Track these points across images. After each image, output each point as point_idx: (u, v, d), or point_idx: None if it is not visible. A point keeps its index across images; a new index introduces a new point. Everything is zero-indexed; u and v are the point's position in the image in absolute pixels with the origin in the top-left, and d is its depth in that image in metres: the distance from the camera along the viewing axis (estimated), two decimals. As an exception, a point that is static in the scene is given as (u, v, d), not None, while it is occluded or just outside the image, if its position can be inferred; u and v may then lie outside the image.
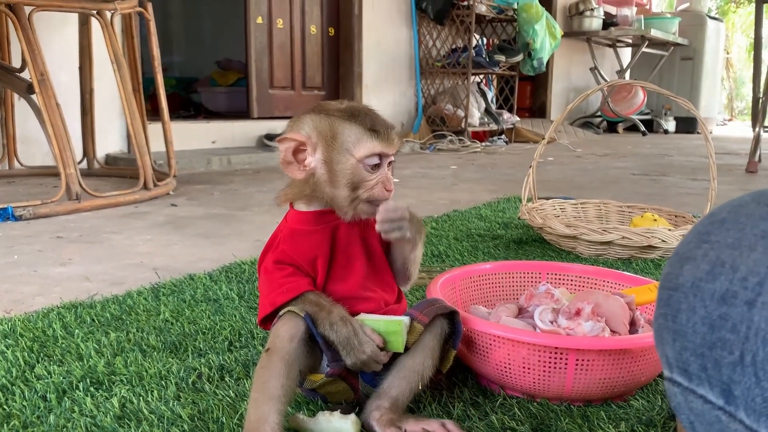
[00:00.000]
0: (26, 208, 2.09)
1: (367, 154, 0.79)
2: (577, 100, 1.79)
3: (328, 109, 0.81)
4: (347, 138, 0.79)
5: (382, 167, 0.80)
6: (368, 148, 0.79)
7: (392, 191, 0.81)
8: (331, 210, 0.83)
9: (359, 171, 0.79)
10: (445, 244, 1.77)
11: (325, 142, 0.79)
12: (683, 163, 4.28)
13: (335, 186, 0.80)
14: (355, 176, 0.79)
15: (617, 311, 0.92)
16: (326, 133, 0.79)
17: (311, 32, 4.56)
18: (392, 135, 0.81)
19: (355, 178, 0.79)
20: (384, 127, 0.80)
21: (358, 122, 0.79)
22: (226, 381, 0.91)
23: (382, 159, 0.80)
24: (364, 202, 0.80)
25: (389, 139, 0.80)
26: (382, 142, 0.79)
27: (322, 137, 0.79)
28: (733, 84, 13.68)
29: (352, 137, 0.79)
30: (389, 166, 0.82)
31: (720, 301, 0.41)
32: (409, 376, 0.80)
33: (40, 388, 0.88)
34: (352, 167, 0.79)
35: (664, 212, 1.92)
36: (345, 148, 0.78)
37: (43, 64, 2.22)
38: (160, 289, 1.34)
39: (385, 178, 0.80)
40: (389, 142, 0.80)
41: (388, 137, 0.80)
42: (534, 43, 5.25)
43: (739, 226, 0.43)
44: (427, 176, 3.42)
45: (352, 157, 0.79)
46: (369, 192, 0.80)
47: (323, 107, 0.81)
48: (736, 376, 0.39)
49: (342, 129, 0.79)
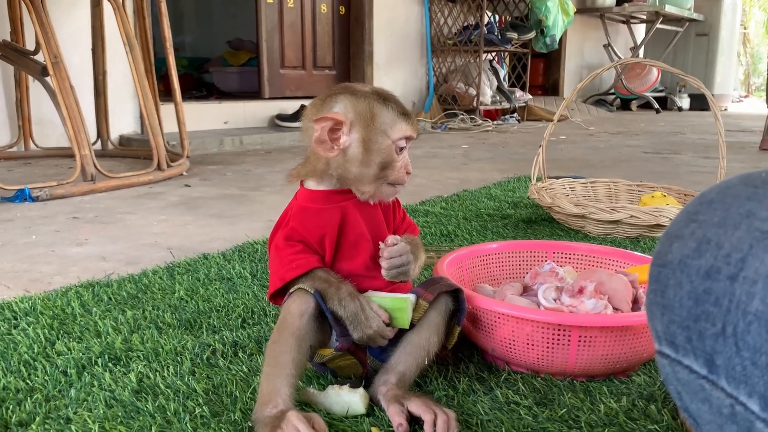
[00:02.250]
0: (43, 189, 2.13)
1: (401, 136, 0.83)
2: (588, 79, 1.79)
3: (362, 90, 0.84)
4: (385, 119, 0.82)
5: (405, 150, 0.85)
6: (402, 131, 0.83)
7: (410, 174, 0.86)
8: (342, 190, 0.86)
9: (391, 152, 0.83)
10: (454, 224, 1.79)
11: (364, 122, 0.82)
12: (696, 141, 4.26)
13: (367, 165, 0.83)
14: (388, 157, 0.83)
15: (620, 289, 0.94)
16: (365, 114, 0.82)
17: (322, 11, 4.55)
18: (415, 119, 0.86)
19: (387, 159, 0.83)
20: (410, 112, 0.85)
21: (393, 107, 0.83)
22: (239, 356, 0.94)
23: (407, 142, 0.85)
24: (388, 183, 0.84)
25: (415, 123, 0.85)
26: (411, 126, 0.84)
27: (361, 117, 0.82)
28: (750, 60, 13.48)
29: (389, 119, 0.83)
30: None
31: (705, 276, 0.43)
32: (416, 351, 0.83)
33: (60, 364, 0.91)
34: (388, 148, 0.83)
35: (674, 191, 1.93)
36: (382, 129, 0.82)
37: (56, 47, 2.24)
38: (174, 268, 1.37)
39: (407, 162, 0.85)
40: (415, 126, 0.85)
41: (414, 121, 0.85)
42: (546, 20, 5.21)
43: (725, 206, 0.44)
44: (438, 156, 3.43)
45: (389, 138, 0.82)
46: (395, 173, 0.84)
47: (355, 89, 0.85)
48: (718, 346, 0.41)
49: (380, 111, 0.83)
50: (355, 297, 0.81)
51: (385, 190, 0.85)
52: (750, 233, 0.41)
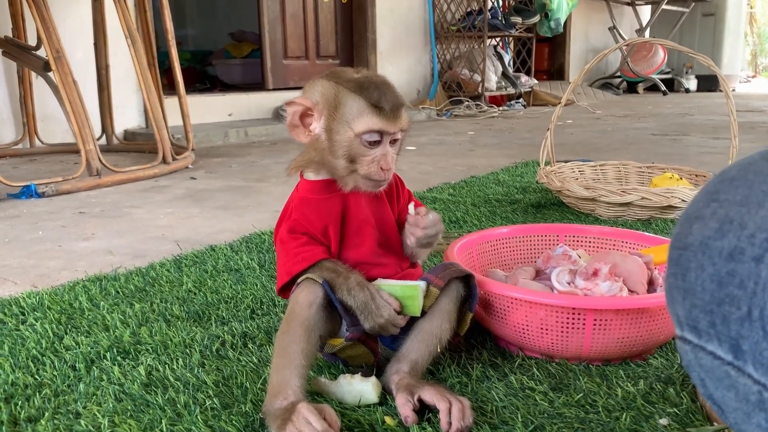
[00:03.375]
0: (48, 185, 2.12)
1: (366, 129, 0.77)
2: (594, 60, 1.77)
3: (340, 76, 0.80)
4: (348, 110, 0.77)
5: (382, 145, 0.78)
6: (367, 124, 0.77)
7: (390, 170, 0.79)
8: None
9: (356, 145, 0.78)
10: (463, 210, 1.77)
11: (328, 111, 0.79)
12: (704, 122, 4.21)
13: (333, 155, 0.79)
14: (352, 150, 0.78)
15: (635, 271, 0.92)
16: (331, 102, 0.78)
17: (324, 0, 4.51)
18: (399, 113, 0.79)
19: (352, 152, 0.78)
20: (390, 104, 0.77)
21: (364, 95, 0.77)
22: (249, 348, 0.93)
23: (383, 136, 0.78)
24: (361, 177, 0.80)
25: (393, 117, 0.78)
26: (384, 120, 0.77)
27: (327, 105, 0.79)
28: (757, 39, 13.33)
29: (354, 110, 0.77)
30: (393, 143, 0.80)
31: (728, 258, 0.41)
32: (428, 339, 0.81)
33: (69, 358, 0.91)
34: (349, 140, 0.77)
35: (684, 171, 1.90)
36: (345, 120, 0.77)
37: (58, 42, 2.23)
38: (182, 261, 1.36)
39: (382, 157, 0.78)
40: (392, 120, 0.78)
41: (392, 115, 0.78)
42: (550, 4, 5.16)
43: (747, 183, 0.42)
44: (444, 143, 3.40)
45: (351, 130, 0.77)
46: (365, 168, 0.79)
47: (337, 74, 0.81)
48: (744, 331, 0.39)
49: (346, 100, 0.77)
50: (365, 286, 0.79)
51: (361, 183, 0.80)
52: None
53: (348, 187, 0.81)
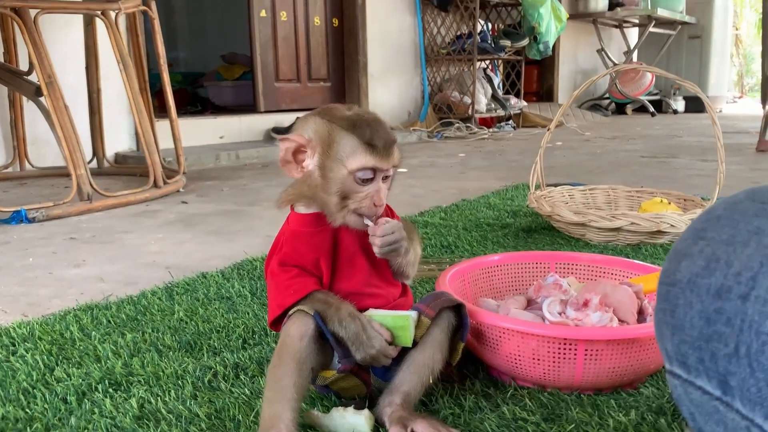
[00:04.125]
0: (39, 210, 2.11)
1: (359, 167, 0.78)
2: (583, 86, 1.79)
3: (332, 114, 0.80)
4: (342, 148, 0.78)
5: (374, 181, 0.80)
6: (361, 162, 0.78)
7: (382, 206, 0.81)
8: None
9: (350, 182, 0.79)
10: (454, 235, 1.78)
11: (321, 148, 0.79)
12: (692, 144, 4.26)
13: (326, 192, 0.80)
14: (345, 187, 0.79)
15: (625, 301, 0.93)
16: (324, 140, 0.79)
17: (315, 24, 4.55)
18: (391, 150, 0.80)
19: (345, 189, 0.79)
20: (383, 142, 0.78)
21: (357, 134, 0.78)
22: (241, 379, 0.93)
23: (376, 173, 0.79)
24: (353, 213, 0.80)
25: (386, 154, 0.79)
26: (377, 157, 0.78)
27: (321, 142, 0.79)
28: (743, 60, 13.53)
29: (347, 148, 0.78)
30: (385, 180, 0.81)
31: (715, 295, 0.42)
32: (420, 370, 0.82)
33: (60, 391, 0.90)
34: (343, 178, 0.78)
35: (673, 196, 1.92)
36: (338, 158, 0.78)
37: (50, 67, 2.24)
38: (173, 289, 1.36)
39: (375, 193, 0.80)
40: (385, 158, 0.79)
41: (385, 153, 0.79)
42: (539, 27, 5.22)
43: (733, 222, 0.44)
44: (435, 165, 3.42)
45: (344, 168, 0.78)
46: (357, 204, 0.80)
47: (329, 111, 0.81)
48: (731, 367, 0.40)
49: (339, 138, 0.78)
50: (356, 317, 0.80)
51: (350, 218, 0.81)
52: (760, 251, 0.40)
53: (337, 222, 0.82)
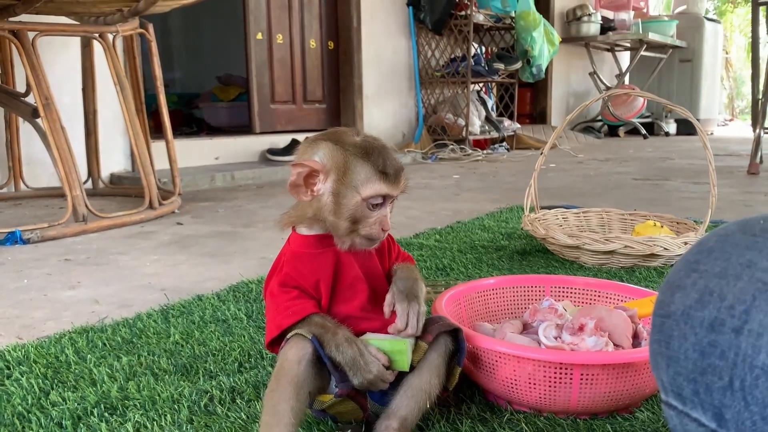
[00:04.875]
0: (34, 231, 2.11)
1: (373, 194, 0.81)
2: (575, 112, 1.81)
3: (344, 141, 0.82)
4: (357, 176, 0.80)
5: (383, 206, 0.83)
6: (375, 189, 0.80)
7: (388, 230, 0.84)
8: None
9: (362, 208, 0.81)
10: (449, 257, 1.78)
11: (336, 174, 0.81)
12: (685, 167, 4.30)
13: (337, 216, 0.82)
14: (358, 212, 0.81)
15: (620, 325, 0.94)
16: (340, 166, 0.81)
17: (311, 46, 4.59)
18: (401, 177, 0.83)
19: (357, 214, 0.81)
20: (394, 169, 0.82)
21: (371, 162, 0.80)
22: (237, 403, 0.93)
23: (386, 199, 0.82)
24: (361, 236, 0.83)
25: (396, 181, 0.82)
26: (389, 185, 0.81)
27: (336, 169, 0.81)
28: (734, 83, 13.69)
29: (362, 176, 0.80)
30: (391, 203, 0.84)
31: (709, 328, 0.42)
32: (417, 395, 0.82)
33: (55, 415, 0.90)
34: (357, 204, 0.81)
35: (666, 219, 1.94)
36: (353, 185, 0.80)
37: (47, 89, 2.25)
38: (169, 311, 1.35)
39: (383, 218, 0.83)
40: (396, 185, 0.82)
41: (395, 180, 0.82)
42: (532, 51, 5.28)
43: (725, 255, 0.44)
44: (430, 186, 3.44)
45: (359, 194, 0.80)
46: (367, 229, 0.82)
47: (340, 138, 0.83)
48: (726, 400, 0.41)
49: (354, 166, 0.80)
50: (353, 342, 0.80)
51: (358, 241, 0.83)
52: (752, 284, 0.41)
53: (345, 246, 0.83)
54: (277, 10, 4.34)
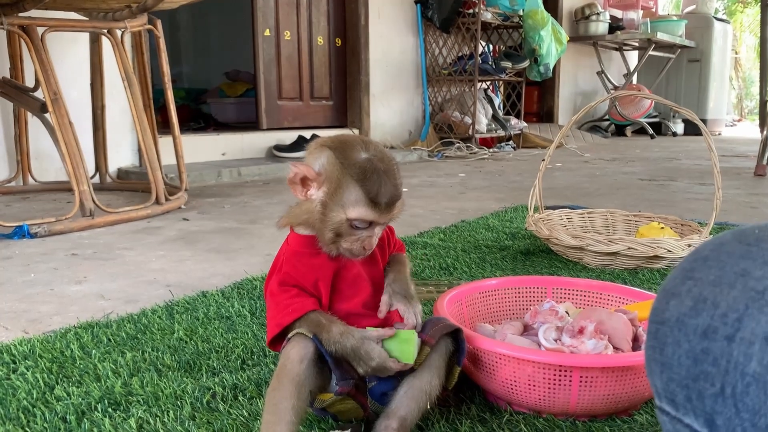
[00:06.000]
0: (41, 226, 2.13)
1: (358, 218, 0.81)
2: (581, 112, 1.81)
3: (348, 156, 0.81)
4: (347, 196, 0.80)
5: (369, 229, 0.82)
6: (360, 214, 0.80)
7: (370, 251, 0.84)
8: None
9: (345, 227, 0.81)
10: (453, 257, 1.79)
11: (328, 188, 0.81)
12: (691, 167, 4.29)
13: (323, 225, 0.82)
14: (341, 229, 0.82)
15: (620, 328, 0.94)
16: (333, 181, 0.81)
17: (318, 43, 4.60)
18: (393, 206, 0.82)
19: (341, 230, 0.82)
20: (387, 199, 0.80)
21: (364, 188, 0.80)
22: (239, 400, 0.94)
23: (371, 224, 0.82)
24: (343, 248, 0.83)
25: (387, 211, 0.81)
26: (377, 213, 0.81)
27: (329, 182, 0.81)
28: (743, 84, 13.63)
29: (351, 198, 0.80)
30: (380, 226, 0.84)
31: (702, 335, 0.43)
32: (417, 395, 0.83)
33: (60, 410, 0.91)
34: (341, 221, 0.81)
35: (670, 221, 1.94)
36: (341, 203, 0.80)
37: (56, 84, 2.26)
38: (173, 307, 1.37)
39: (367, 239, 0.82)
40: (385, 213, 0.81)
41: (386, 209, 0.81)
42: (540, 49, 5.27)
43: (720, 263, 0.45)
44: (435, 185, 3.44)
45: (344, 213, 0.81)
46: (348, 245, 0.83)
47: (344, 150, 0.82)
48: (718, 407, 0.42)
49: (348, 186, 0.80)
50: (349, 334, 0.80)
51: (343, 251, 0.84)
52: (745, 293, 0.42)
53: (332, 252, 0.85)
54: (285, 6, 4.35)
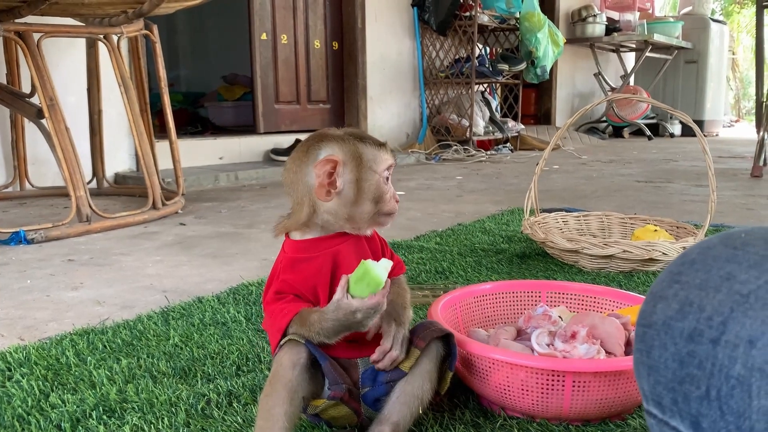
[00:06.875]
0: (38, 232, 2.13)
1: (385, 166, 0.87)
2: (577, 114, 1.81)
3: (338, 135, 0.87)
4: (368, 156, 0.86)
5: (389, 180, 0.89)
6: (385, 161, 0.87)
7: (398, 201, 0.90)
8: (328, 236, 0.86)
9: (381, 185, 0.86)
10: (449, 260, 1.79)
11: (353, 162, 0.85)
12: (688, 169, 4.29)
13: (360, 203, 0.85)
14: (378, 191, 0.86)
15: (613, 333, 0.94)
16: (354, 155, 0.85)
17: (315, 47, 4.60)
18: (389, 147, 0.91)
19: (378, 192, 0.86)
20: (384, 143, 0.89)
21: (369, 141, 0.87)
22: (234, 407, 0.94)
23: (390, 170, 0.88)
24: (383, 215, 0.87)
25: (391, 150, 0.90)
26: (390, 154, 0.89)
27: (351, 158, 0.85)
28: (740, 84, 13.64)
29: (371, 155, 0.86)
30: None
31: (688, 339, 0.44)
32: (409, 401, 0.83)
33: (54, 417, 0.91)
34: (377, 182, 0.86)
35: (666, 223, 1.94)
36: (368, 166, 0.85)
37: (52, 90, 2.26)
38: (169, 313, 1.37)
39: (393, 191, 0.89)
40: (392, 153, 0.90)
41: (389, 149, 0.90)
42: (537, 51, 5.28)
43: (706, 267, 0.46)
44: (432, 188, 3.45)
45: (375, 173, 0.86)
46: (387, 205, 0.87)
47: (334, 134, 0.87)
48: (703, 409, 0.42)
49: (363, 149, 0.86)
50: (323, 316, 0.79)
51: (379, 220, 0.88)
52: (730, 296, 0.42)
53: (364, 230, 0.89)
54: (282, 10, 4.36)
